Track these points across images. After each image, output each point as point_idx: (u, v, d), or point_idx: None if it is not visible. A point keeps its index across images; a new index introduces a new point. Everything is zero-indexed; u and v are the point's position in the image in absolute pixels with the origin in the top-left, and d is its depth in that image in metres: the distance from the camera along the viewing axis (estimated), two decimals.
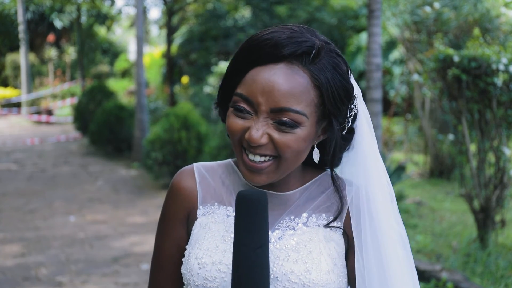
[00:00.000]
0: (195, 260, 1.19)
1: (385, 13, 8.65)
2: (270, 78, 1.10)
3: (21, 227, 6.57)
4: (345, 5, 15.27)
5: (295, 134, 1.11)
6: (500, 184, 5.07)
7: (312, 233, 1.20)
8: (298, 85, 1.10)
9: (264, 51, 1.11)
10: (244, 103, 1.13)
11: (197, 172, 1.31)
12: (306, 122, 1.12)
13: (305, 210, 1.23)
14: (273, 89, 1.09)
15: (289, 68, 1.11)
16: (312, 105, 1.12)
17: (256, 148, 1.12)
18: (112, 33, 29.89)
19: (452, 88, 5.13)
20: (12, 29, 17.01)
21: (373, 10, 4.83)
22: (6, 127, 17.39)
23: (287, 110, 1.09)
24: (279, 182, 1.23)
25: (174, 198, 1.31)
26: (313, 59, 1.12)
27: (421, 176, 9.01)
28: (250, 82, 1.12)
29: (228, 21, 14.92)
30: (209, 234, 1.21)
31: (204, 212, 1.26)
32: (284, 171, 1.16)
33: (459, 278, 4.38)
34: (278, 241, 1.18)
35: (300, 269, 1.14)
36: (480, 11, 7.99)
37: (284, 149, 1.12)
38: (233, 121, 1.15)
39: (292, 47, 1.11)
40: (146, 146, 8.42)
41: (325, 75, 1.13)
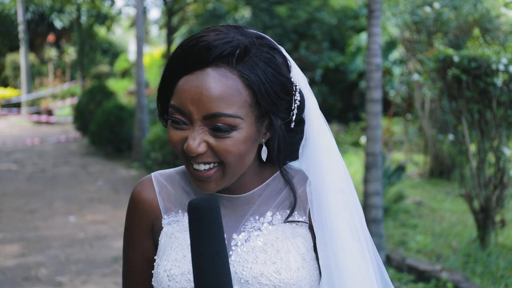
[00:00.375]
0: (164, 272, 1.17)
1: (385, 13, 8.65)
2: (198, 85, 1.08)
3: (21, 227, 6.57)
4: (345, 5, 15.26)
5: (232, 138, 1.09)
6: (500, 184, 5.08)
7: (278, 231, 1.19)
8: (228, 88, 1.08)
9: (190, 59, 1.10)
10: (178, 114, 1.11)
11: (156, 181, 1.29)
12: (242, 123, 1.09)
13: (269, 208, 1.22)
14: (202, 96, 1.07)
15: (216, 72, 1.08)
16: (245, 105, 1.10)
17: (197, 157, 1.11)
18: (112, 33, 29.89)
19: (452, 88, 5.13)
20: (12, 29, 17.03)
21: (373, 10, 4.82)
22: (6, 127, 17.40)
23: (219, 115, 1.07)
24: (236, 185, 1.21)
25: (135, 210, 1.29)
26: (240, 59, 1.09)
27: (421, 176, 9.01)
28: (180, 93, 1.10)
29: (228, 21, 14.90)
30: (175, 244, 1.20)
31: (169, 221, 1.25)
32: (232, 175, 1.15)
33: (459, 278, 4.38)
34: (244, 244, 1.17)
35: (269, 270, 1.13)
36: (480, 11, 7.99)
37: (224, 155, 1.10)
38: (172, 133, 1.14)
39: (217, 50, 1.08)
40: (146, 146, 8.42)
41: (256, 73, 1.10)
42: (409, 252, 5.25)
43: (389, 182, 6.83)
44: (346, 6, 15.24)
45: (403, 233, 5.85)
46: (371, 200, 4.80)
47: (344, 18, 14.99)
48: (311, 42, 14.63)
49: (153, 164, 8.22)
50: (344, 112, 14.52)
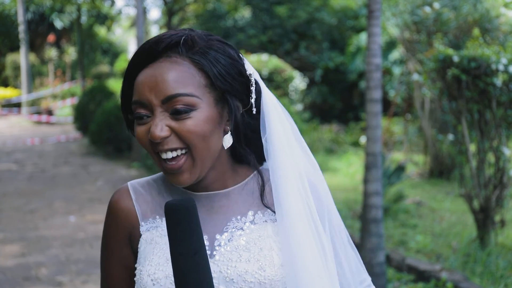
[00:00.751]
0: (148, 277, 1.17)
1: (385, 13, 8.66)
2: (152, 74, 1.13)
3: (21, 227, 6.58)
4: (345, 5, 15.27)
5: (193, 118, 1.12)
6: (500, 184, 5.08)
7: (261, 230, 1.20)
8: (181, 72, 1.13)
9: (142, 55, 1.16)
10: (139, 108, 1.14)
11: (132, 189, 1.31)
12: (201, 103, 1.13)
13: (250, 208, 1.23)
14: (157, 83, 1.12)
15: (167, 61, 1.14)
16: (201, 86, 1.13)
17: (162, 145, 1.13)
18: (112, 33, 29.91)
19: (451, 88, 5.14)
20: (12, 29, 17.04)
21: (373, 10, 4.83)
22: (6, 127, 17.40)
23: (175, 96, 1.11)
24: (211, 183, 1.23)
25: (112, 219, 1.30)
26: (189, 48, 1.15)
27: (420, 176, 9.01)
28: (137, 86, 1.15)
29: (228, 21, 14.93)
30: (157, 249, 1.20)
31: (147, 228, 1.25)
32: (202, 162, 1.15)
33: (458, 278, 4.39)
34: (228, 243, 1.18)
35: (254, 267, 1.14)
36: (479, 11, 7.99)
37: (187, 136, 1.12)
38: (138, 131, 1.16)
39: (165, 42, 1.14)
40: None
41: (207, 58, 1.15)
42: (409, 252, 5.26)
43: (389, 182, 6.84)
44: (346, 6, 15.25)
45: (403, 233, 5.86)
46: (371, 200, 4.80)
47: (344, 18, 15.01)
48: (311, 42, 14.64)
49: (153, 164, 8.22)
50: (344, 112, 14.54)
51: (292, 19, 14.36)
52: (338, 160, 10.39)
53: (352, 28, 14.92)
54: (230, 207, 1.23)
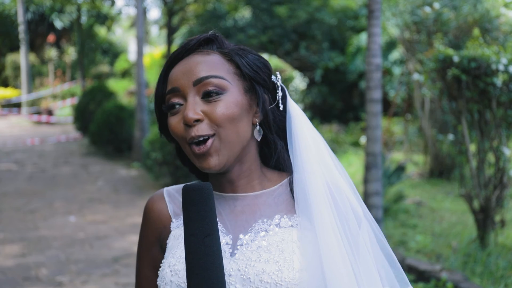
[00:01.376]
0: (168, 267, 1.20)
1: (385, 14, 8.66)
2: (185, 64, 1.20)
3: (22, 227, 6.58)
4: (345, 5, 15.27)
5: (223, 100, 1.16)
6: (500, 184, 5.08)
7: (285, 233, 1.19)
8: (212, 60, 1.20)
9: (176, 53, 1.24)
10: (172, 97, 1.20)
11: (166, 193, 1.36)
12: (230, 87, 1.18)
13: (278, 212, 1.24)
14: (190, 68, 1.19)
15: (200, 54, 1.21)
16: (230, 73, 1.20)
17: (197, 129, 1.15)
18: (112, 34, 29.89)
19: (452, 88, 5.14)
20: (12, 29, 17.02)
21: (373, 11, 4.83)
22: (6, 127, 17.40)
23: (207, 78, 1.17)
24: (239, 179, 1.25)
25: (145, 222, 1.37)
26: (220, 45, 1.24)
27: (421, 176, 9.01)
28: (171, 77, 1.22)
29: (228, 21, 14.92)
30: (181, 243, 1.22)
31: (177, 225, 1.29)
32: (230, 146, 1.18)
33: (459, 278, 4.38)
34: (250, 243, 1.19)
35: (271, 268, 1.14)
36: (479, 11, 7.99)
37: (217, 118, 1.15)
38: (172, 121, 1.20)
39: (197, 39, 1.23)
40: (146, 146, 8.43)
41: (237, 52, 1.23)
42: (409, 252, 5.26)
43: (389, 182, 6.84)
44: (346, 6, 15.24)
45: (403, 233, 5.85)
46: (371, 200, 4.80)
47: (344, 18, 15.00)
48: (311, 42, 14.63)
49: (153, 164, 8.23)
50: (344, 112, 14.54)
51: (292, 19, 14.36)
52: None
53: (352, 28, 14.91)
54: (257, 210, 1.25)
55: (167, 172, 8.26)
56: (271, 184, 1.28)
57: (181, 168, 7.76)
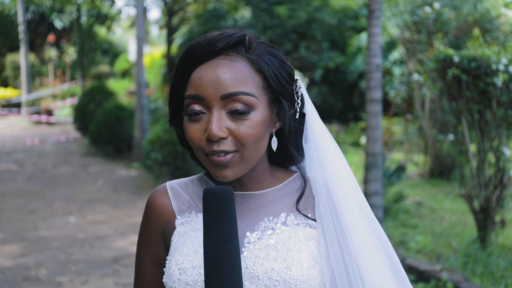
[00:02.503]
0: (176, 266, 1.20)
1: (385, 14, 8.65)
2: (213, 71, 1.14)
3: (21, 227, 6.57)
4: (345, 5, 15.27)
5: (250, 120, 1.13)
6: (500, 184, 5.08)
7: (291, 232, 1.21)
8: (241, 71, 1.14)
9: (200, 50, 1.16)
10: (195, 104, 1.15)
11: (170, 188, 1.34)
12: (258, 104, 1.14)
13: (283, 210, 1.25)
14: (218, 79, 1.12)
15: (227, 59, 1.15)
16: (259, 87, 1.15)
17: (219, 144, 1.13)
18: (112, 34, 29.89)
19: (452, 88, 5.13)
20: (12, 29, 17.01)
21: (373, 11, 4.83)
22: (6, 127, 17.40)
23: (236, 94, 1.12)
24: (249, 182, 1.25)
25: (148, 217, 1.34)
26: (248, 48, 1.17)
27: (421, 176, 9.01)
28: (195, 81, 1.15)
29: (228, 21, 14.92)
30: (188, 241, 1.23)
31: (182, 221, 1.28)
32: (249, 162, 1.17)
33: (459, 279, 4.38)
34: (257, 242, 1.19)
35: (280, 266, 1.15)
36: (480, 11, 7.99)
37: (243, 138, 1.13)
38: (190, 128, 1.16)
39: (225, 40, 1.15)
40: (146, 146, 8.42)
41: (263, 59, 1.17)
42: (409, 252, 5.25)
43: (389, 182, 6.83)
44: (346, 6, 15.24)
45: (403, 233, 5.85)
46: (371, 200, 4.80)
47: (344, 18, 15.00)
48: (311, 42, 14.63)
49: (153, 164, 8.22)
50: (344, 112, 14.53)
51: (292, 19, 14.35)
52: None
53: (352, 28, 14.91)
54: (263, 208, 1.25)
55: (167, 172, 8.25)
56: (278, 182, 1.29)
57: (181, 168, 7.76)
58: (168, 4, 15.05)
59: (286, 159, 1.31)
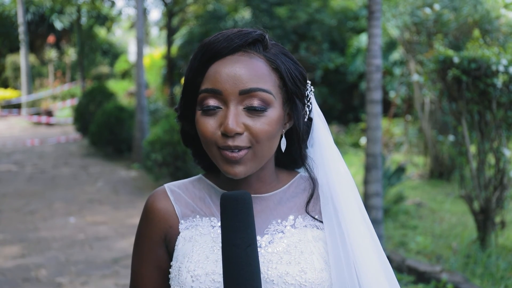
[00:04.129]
0: (187, 273, 1.17)
1: (385, 15, 8.65)
2: (231, 66, 1.14)
3: (21, 228, 6.57)
4: (345, 6, 15.27)
5: (267, 117, 1.13)
6: (500, 185, 5.08)
7: (301, 234, 1.21)
8: (259, 68, 1.14)
9: (218, 46, 1.15)
10: (211, 98, 1.14)
11: (170, 191, 1.31)
12: (275, 102, 1.15)
13: (291, 212, 1.24)
14: (237, 74, 1.13)
15: (245, 55, 1.15)
16: (276, 85, 1.16)
17: (234, 139, 1.12)
18: (112, 34, 29.90)
19: (452, 89, 5.13)
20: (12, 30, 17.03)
21: (373, 12, 4.83)
22: (6, 128, 17.40)
23: (255, 90, 1.12)
24: (256, 182, 1.25)
25: (148, 221, 1.31)
26: (265, 47, 1.18)
27: (421, 177, 9.01)
28: (213, 75, 1.15)
29: (228, 22, 14.91)
30: (196, 247, 1.20)
31: (186, 226, 1.25)
32: (260, 159, 1.17)
33: (459, 280, 4.38)
34: (269, 245, 1.18)
35: (294, 269, 1.15)
36: (480, 12, 7.99)
37: (258, 135, 1.13)
38: (204, 122, 1.15)
39: (244, 37, 1.16)
40: (146, 147, 8.42)
41: (280, 59, 1.18)
42: (409, 253, 5.25)
43: (389, 183, 6.83)
44: (346, 7, 15.25)
45: (403, 234, 5.85)
46: (371, 201, 4.80)
47: (344, 19, 15.00)
48: (311, 43, 14.63)
49: (153, 165, 8.22)
50: (344, 113, 14.53)
51: (292, 20, 14.35)
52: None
53: (352, 29, 14.92)
54: (270, 210, 1.25)
55: (167, 173, 8.24)
56: (282, 184, 1.29)
57: (181, 169, 7.76)
58: (168, 5, 15.05)
59: (290, 161, 1.31)
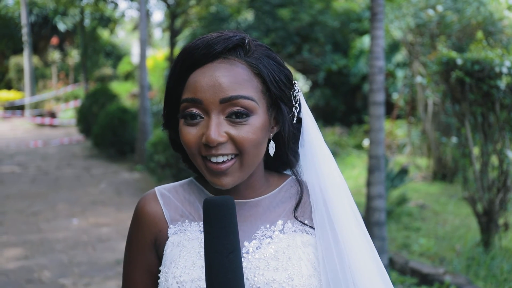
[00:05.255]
0: (173, 279, 1.15)
1: (388, 16, 8.65)
2: (211, 74, 1.10)
3: (25, 229, 6.58)
4: (348, 8, 15.27)
5: (250, 124, 1.11)
6: (504, 187, 5.06)
7: (289, 239, 1.19)
8: (240, 75, 1.11)
9: (198, 53, 1.12)
10: (192, 107, 1.12)
11: (160, 194, 1.29)
12: (258, 109, 1.12)
13: (280, 217, 1.22)
14: (217, 83, 1.10)
15: (226, 62, 1.12)
16: (258, 91, 1.13)
17: (217, 149, 1.10)
18: (115, 36, 29.96)
19: (455, 91, 5.13)
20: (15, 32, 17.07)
21: (376, 13, 4.82)
22: (9, 129, 17.43)
23: (236, 98, 1.09)
24: (245, 189, 1.23)
25: (139, 225, 1.28)
26: (246, 51, 1.14)
27: (424, 179, 8.99)
28: (193, 84, 1.12)
29: (231, 24, 14.92)
30: (184, 252, 1.19)
31: (175, 231, 1.24)
32: (248, 168, 1.15)
33: (462, 282, 4.37)
34: (256, 251, 1.17)
35: (281, 276, 1.13)
36: (483, 14, 7.97)
37: (243, 143, 1.10)
38: (186, 132, 1.13)
39: (224, 43, 1.12)
40: (149, 148, 8.43)
41: (262, 63, 1.15)
42: (412, 255, 5.24)
43: (392, 185, 6.82)
44: (349, 9, 15.25)
45: (406, 236, 5.84)
46: (374, 203, 4.79)
47: (347, 21, 15.00)
48: (314, 45, 14.63)
49: (156, 167, 8.23)
50: (347, 115, 14.52)
51: (295, 21, 14.36)
52: (341, 163, 10.36)
53: (355, 31, 14.91)
54: (259, 215, 1.23)
55: (170, 175, 8.25)
56: (272, 188, 1.27)
57: (184, 171, 7.76)
58: (171, 7, 15.07)
59: (281, 164, 1.29)
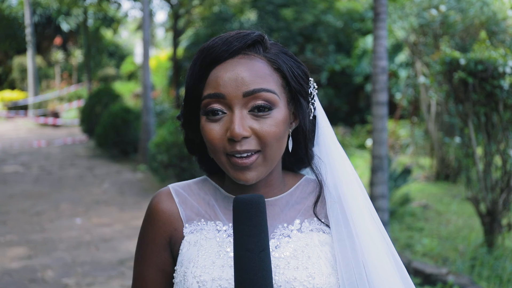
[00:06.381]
0: (193, 279, 1.14)
1: (391, 16, 8.64)
2: (233, 69, 1.12)
3: (28, 229, 6.60)
4: (351, 8, 15.26)
5: (272, 117, 1.12)
6: (507, 188, 5.05)
7: (307, 238, 1.19)
8: (261, 69, 1.13)
9: (218, 50, 1.14)
10: (215, 103, 1.12)
11: (175, 192, 1.28)
12: (279, 102, 1.13)
13: (297, 216, 1.23)
14: (239, 77, 1.11)
15: (246, 58, 1.14)
16: (279, 85, 1.15)
17: (241, 145, 1.10)
18: (119, 36, 30.01)
19: (458, 91, 5.12)
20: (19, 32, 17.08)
21: (379, 13, 4.82)
22: (13, 129, 17.47)
23: (259, 91, 1.10)
24: (264, 187, 1.23)
25: (153, 223, 1.27)
26: (265, 48, 1.17)
27: (427, 179, 8.98)
28: (214, 80, 1.13)
29: (234, 24, 14.93)
30: (202, 252, 1.18)
31: (191, 230, 1.23)
32: (270, 163, 1.15)
33: (465, 282, 4.36)
34: (275, 250, 1.16)
35: (302, 275, 1.13)
36: (486, 14, 7.96)
37: (266, 137, 1.11)
38: (210, 129, 1.13)
39: (243, 40, 1.14)
40: (152, 148, 8.44)
41: (281, 59, 1.17)
42: (415, 255, 5.23)
43: (395, 185, 6.81)
44: (352, 9, 15.24)
45: (409, 236, 5.83)
46: (377, 203, 4.79)
47: (350, 21, 14.99)
48: (317, 44, 14.63)
49: (159, 167, 8.23)
50: (350, 115, 14.51)
51: (298, 21, 14.35)
52: None
53: (358, 30, 14.90)
54: (276, 214, 1.22)
55: (173, 175, 8.26)
56: (288, 188, 1.27)
57: (187, 171, 7.77)
58: (174, 7, 15.09)
59: (297, 162, 1.29)
